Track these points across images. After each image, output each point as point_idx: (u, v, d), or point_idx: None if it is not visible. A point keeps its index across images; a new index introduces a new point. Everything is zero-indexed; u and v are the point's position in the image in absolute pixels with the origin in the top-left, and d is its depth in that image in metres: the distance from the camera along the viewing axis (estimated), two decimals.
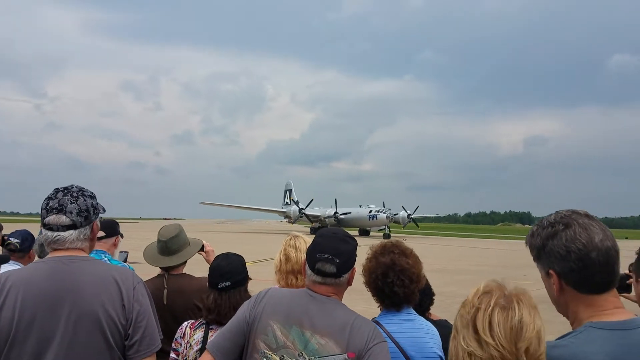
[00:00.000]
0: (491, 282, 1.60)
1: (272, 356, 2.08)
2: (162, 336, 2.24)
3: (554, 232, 1.64)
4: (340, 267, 2.16)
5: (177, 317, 3.29)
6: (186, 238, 3.66)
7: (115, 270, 2.23)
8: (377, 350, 2.01)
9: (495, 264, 25.34)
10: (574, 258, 1.58)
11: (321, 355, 2.02)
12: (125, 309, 2.13)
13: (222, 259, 2.96)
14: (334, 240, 2.21)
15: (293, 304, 2.15)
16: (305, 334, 2.06)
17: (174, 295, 3.39)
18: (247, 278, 2.97)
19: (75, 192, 2.24)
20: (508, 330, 1.46)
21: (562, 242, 1.61)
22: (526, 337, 1.45)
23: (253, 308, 2.21)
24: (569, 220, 1.63)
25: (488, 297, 1.53)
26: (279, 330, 2.10)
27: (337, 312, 2.12)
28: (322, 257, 2.16)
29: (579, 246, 1.58)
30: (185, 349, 2.82)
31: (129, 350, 2.13)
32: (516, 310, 1.48)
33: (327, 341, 2.03)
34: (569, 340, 1.55)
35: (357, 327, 2.06)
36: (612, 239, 1.62)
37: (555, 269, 1.63)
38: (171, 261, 3.50)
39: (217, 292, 2.83)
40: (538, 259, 1.69)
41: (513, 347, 1.45)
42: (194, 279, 3.53)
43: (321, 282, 2.18)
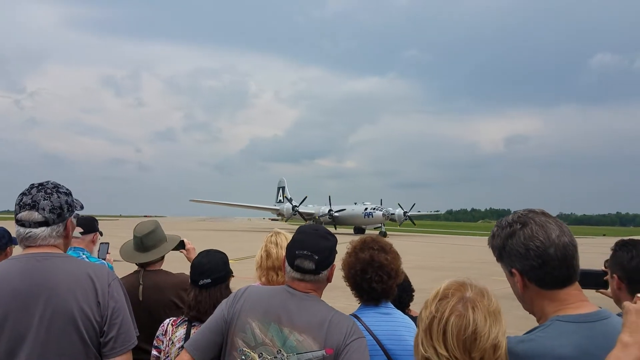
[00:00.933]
0: (452, 282, 1.63)
1: (251, 354, 2.08)
2: (138, 333, 2.23)
3: (512, 231, 1.68)
4: (320, 263, 2.16)
5: (152, 313, 3.27)
6: (163, 234, 3.63)
7: (89, 267, 2.20)
8: (354, 346, 2.02)
9: (474, 259, 25.62)
10: (533, 255, 1.63)
11: (299, 352, 2.02)
12: (100, 305, 2.10)
13: (203, 256, 2.96)
14: (314, 237, 2.21)
15: (271, 302, 2.15)
16: (284, 330, 2.06)
17: (149, 292, 3.36)
18: (228, 275, 2.97)
19: (50, 189, 2.21)
20: (461, 342, 1.49)
21: (520, 241, 1.65)
22: (479, 348, 1.48)
23: (231, 306, 2.20)
24: (525, 219, 1.68)
25: (444, 303, 1.56)
26: (258, 327, 2.10)
27: (315, 309, 2.12)
28: (301, 253, 2.17)
29: (537, 243, 1.62)
30: (167, 346, 2.81)
31: (104, 347, 2.11)
32: (470, 319, 1.50)
33: (305, 337, 2.03)
34: (536, 335, 1.58)
35: (336, 323, 2.07)
36: (569, 234, 1.66)
37: (517, 268, 1.67)
38: (146, 257, 3.47)
39: (198, 289, 2.83)
40: (500, 259, 1.73)
41: (466, 358, 1.48)
42: (171, 275, 3.51)
43: (300, 278, 2.19)
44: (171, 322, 2.90)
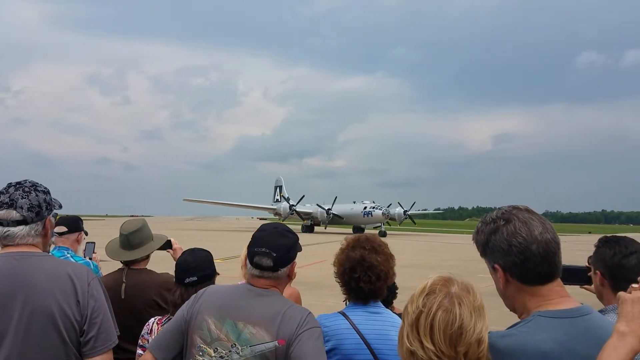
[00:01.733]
0: (438, 278, 1.65)
1: (207, 349, 2.12)
2: (118, 332, 2.23)
3: (495, 227, 1.69)
4: (277, 260, 2.21)
5: (134, 312, 3.25)
6: (149, 233, 3.61)
7: (69, 266, 2.19)
8: (306, 336, 2.06)
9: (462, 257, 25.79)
10: (516, 251, 1.64)
11: (252, 344, 2.07)
12: (80, 304, 2.10)
13: (189, 255, 2.97)
14: (273, 235, 2.26)
15: (228, 298, 2.20)
16: (238, 325, 2.11)
17: (132, 290, 3.33)
18: (214, 273, 2.98)
19: (28, 187, 2.19)
20: (448, 336, 1.52)
21: (503, 237, 1.66)
22: (465, 342, 1.51)
23: (191, 306, 2.25)
24: (509, 216, 1.69)
25: (432, 298, 1.58)
26: (213, 324, 2.15)
27: (271, 303, 2.16)
28: (260, 251, 2.22)
29: (520, 240, 1.64)
30: None
31: (84, 347, 2.11)
32: (457, 314, 1.53)
33: (259, 330, 2.08)
34: (518, 330, 1.59)
35: (289, 315, 2.11)
36: (551, 231, 1.67)
37: (499, 263, 1.68)
38: (132, 255, 3.45)
39: (184, 288, 2.83)
40: (484, 254, 1.74)
41: (452, 352, 1.51)
42: (154, 275, 3.48)
43: (259, 275, 2.23)
44: (156, 321, 2.90)
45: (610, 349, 1.39)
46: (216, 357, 2.10)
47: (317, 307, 2.29)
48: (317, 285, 12.82)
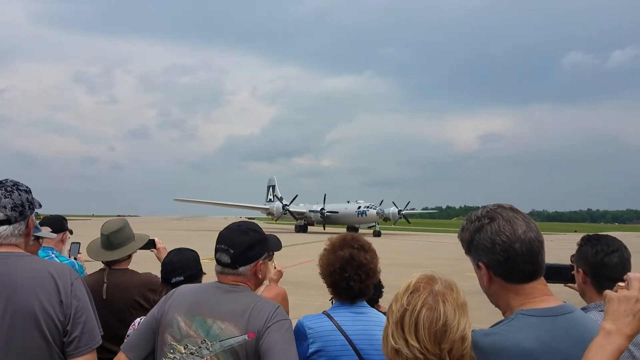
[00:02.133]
0: (422, 276, 1.66)
1: (177, 346, 2.13)
2: (102, 332, 2.21)
3: (480, 225, 1.70)
4: (235, 257, 2.21)
5: (116, 313, 3.23)
6: (131, 232, 3.59)
7: (52, 266, 2.17)
8: (275, 328, 2.06)
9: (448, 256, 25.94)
10: (499, 250, 1.65)
11: (221, 339, 2.07)
12: (63, 305, 2.08)
13: (175, 254, 2.96)
14: (234, 232, 2.27)
15: (198, 296, 2.21)
16: (207, 321, 2.12)
17: (113, 291, 3.31)
18: (200, 273, 2.98)
19: (10, 187, 2.17)
20: (432, 334, 1.53)
21: (487, 235, 1.67)
22: (449, 339, 1.52)
23: (162, 305, 2.26)
24: (494, 214, 1.70)
25: (416, 296, 1.59)
26: (183, 321, 2.15)
27: (240, 298, 2.17)
28: (220, 247, 2.25)
29: (503, 238, 1.65)
30: None
31: (68, 347, 2.09)
32: (441, 312, 1.55)
33: (227, 325, 2.09)
34: (501, 328, 1.60)
35: (259, 308, 2.11)
36: (535, 230, 1.69)
37: (483, 261, 1.69)
38: (113, 255, 3.43)
39: (170, 288, 2.80)
40: (469, 252, 1.76)
41: (437, 349, 1.52)
42: (136, 275, 3.47)
43: (220, 272, 2.26)
44: (141, 320, 2.87)
45: (597, 347, 1.39)
46: (186, 353, 2.10)
47: (305, 307, 2.29)
48: (305, 284, 12.74)
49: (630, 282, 1.46)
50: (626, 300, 1.43)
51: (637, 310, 1.41)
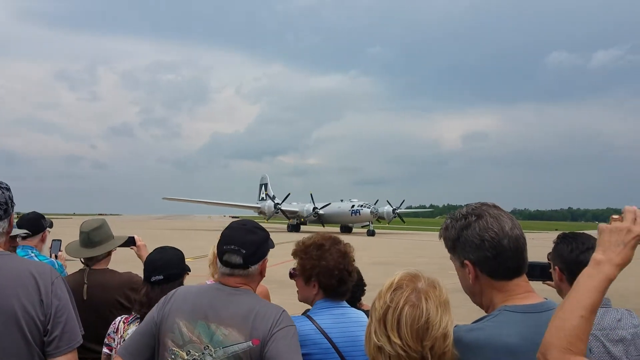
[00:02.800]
0: (405, 274, 1.68)
1: (179, 352, 2.09)
2: (83, 332, 2.19)
3: (467, 223, 1.72)
4: (247, 257, 2.18)
5: (97, 312, 3.22)
6: (110, 232, 3.59)
7: (32, 265, 2.15)
8: (280, 335, 2.04)
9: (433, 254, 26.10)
10: (488, 246, 1.67)
11: (225, 345, 2.04)
12: (44, 304, 2.06)
13: (157, 253, 2.94)
14: (241, 232, 2.23)
15: (199, 300, 2.17)
16: (211, 327, 2.08)
17: (94, 291, 3.30)
18: (183, 273, 2.95)
19: None
20: (415, 331, 1.55)
21: (476, 232, 1.69)
22: (431, 336, 1.55)
23: (161, 309, 2.22)
24: (480, 212, 1.73)
25: (399, 294, 1.61)
26: (185, 326, 2.12)
27: (242, 302, 2.14)
28: (229, 248, 2.19)
29: (492, 235, 1.67)
30: (118, 344, 2.78)
31: (48, 347, 2.07)
32: (424, 309, 1.57)
33: (231, 331, 2.06)
34: (485, 324, 1.63)
35: (262, 313, 2.09)
36: (519, 227, 1.73)
37: (470, 259, 1.71)
38: (93, 252, 3.41)
39: (150, 286, 2.81)
40: (453, 250, 1.77)
41: (419, 346, 1.54)
42: (117, 274, 3.46)
43: (229, 273, 2.21)
44: (123, 319, 2.88)
45: (586, 277, 1.43)
46: (189, 359, 2.07)
47: (288, 306, 2.27)
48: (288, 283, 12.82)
49: (624, 215, 1.48)
50: (618, 231, 1.45)
51: (628, 240, 1.43)
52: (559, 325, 1.38)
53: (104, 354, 2.84)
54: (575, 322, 1.37)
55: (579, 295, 1.41)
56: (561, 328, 1.37)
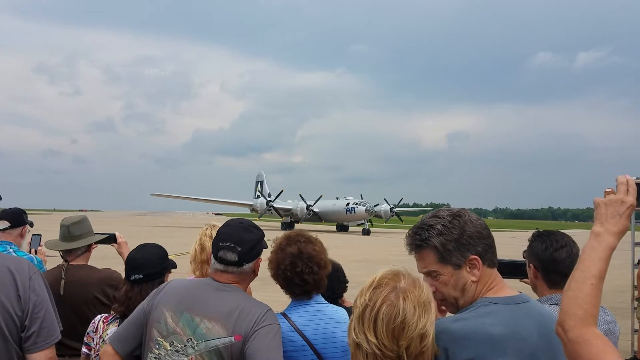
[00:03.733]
0: (388, 272, 1.68)
1: (163, 343, 2.12)
2: (61, 328, 2.18)
3: (464, 221, 1.76)
4: (243, 255, 2.21)
5: (74, 309, 3.19)
6: (90, 227, 3.56)
7: (9, 260, 2.14)
8: (262, 332, 2.06)
9: None
10: (486, 234, 1.77)
11: (207, 339, 2.06)
12: (21, 299, 2.05)
13: (138, 251, 2.88)
14: (238, 229, 2.27)
15: (188, 292, 2.20)
16: (195, 319, 2.11)
17: (71, 287, 3.27)
18: (165, 271, 2.89)
19: None
20: (390, 330, 1.56)
21: (477, 223, 1.77)
22: (407, 336, 1.55)
23: (152, 299, 2.25)
24: (458, 211, 1.80)
25: (378, 292, 1.62)
26: (170, 317, 2.14)
27: (229, 298, 2.16)
28: (225, 245, 2.22)
29: (484, 225, 1.78)
30: (97, 343, 2.74)
31: (25, 342, 2.06)
32: (400, 309, 1.57)
33: (214, 325, 2.08)
34: (469, 314, 1.68)
35: (247, 310, 2.11)
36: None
37: (478, 251, 1.75)
38: (72, 245, 3.39)
39: (130, 285, 2.77)
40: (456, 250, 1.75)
41: (394, 345, 1.55)
42: (95, 270, 3.43)
43: (223, 270, 2.23)
44: (102, 319, 2.83)
45: (589, 249, 1.51)
46: (172, 350, 2.09)
47: (271, 303, 2.28)
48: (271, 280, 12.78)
49: (617, 186, 1.58)
50: (612, 203, 1.54)
51: (622, 210, 1.53)
52: (572, 296, 1.47)
53: (83, 353, 2.79)
54: (587, 289, 1.46)
55: (586, 266, 1.49)
56: (575, 297, 1.46)
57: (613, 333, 2.44)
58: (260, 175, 69.18)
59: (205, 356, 2.04)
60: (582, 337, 1.40)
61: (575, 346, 1.41)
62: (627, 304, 9.01)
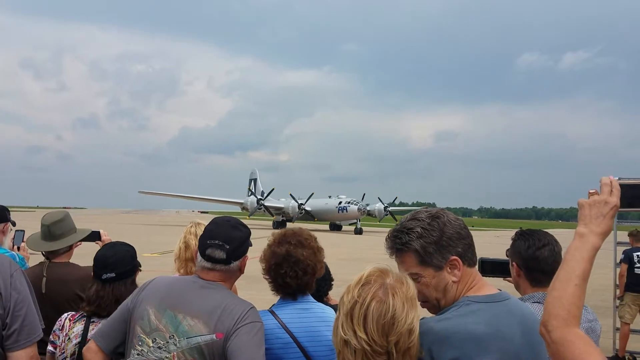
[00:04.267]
0: (374, 269, 1.68)
1: (146, 339, 2.12)
2: (44, 325, 2.16)
3: (443, 222, 1.77)
4: (230, 253, 2.22)
5: (56, 307, 3.14)
6: (72, 224, 3.50)
7: None
8: (244, 330, 2.06)
9: None
10: (465, 234, 1.77)
11: (189, 336, 2.07)
12: (2, 297, 2.02)
13: (108, 249, 2.85)
14: (226, 227, 2.27)
15: (172, 289, 2.20)
16: (178, 316, 2.11)
17: (53, 285, 3.23)
18: (135, 269, 2.88)
19: None
20: (380, 326, 1.56)
21: (455, 224, 1.77)
22: (397, 332, 1.56)
23: (136, 296, 2.25)
24: (436, 212, 1.81)
25: (367, 289, 1.62)
26: (153, 314, 2.14)
27: (213, 295, 2.16)
28: (213, 243, 2.21)
29: (462, 224, 1.78)
30: (63, 341, 2.70)
31: (7, 340, 2.03)
32: (390, 305, 1.58)
33: (197, 322, 2.09)
34: (452, 314, 1.69)
35: (230, 308, 2.11)
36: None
37: (458, 252, 1.75)
38: (53, 246, 3.34)
39: (101, 284, 2.73)
40: (436, 252, 1.75)
41: (384, 341, 1.56)
42: (77, 268, 3.39)
43: (210, 268, 2.23)
44: (69, 316, 2.79)
45: (574, 250, 1.53)
46: (154, 347, 2.10)
47: (256, 302, 2.29)
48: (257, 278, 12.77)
49: (601, 187, 1.59)
50: (596, 204, 1.56)
51: (606, 211, 1.54)
52: (556, 296, 1.48)
53: (48, 351, 2.73)
54: (571, 290, 1.47)
55: (570, 266, 1.51)
56: (559, 298, 1.47)
57: (594, 331, 2.47)
58: (254, 172, 68.31)
59: (186, 353, 2.05)
60: (565, 337, 1.42)
61: (558, 347, 1.42)
62: (609, 303, 9.16)
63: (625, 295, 8.62)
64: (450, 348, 1.59)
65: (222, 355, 2.04)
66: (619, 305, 8.71)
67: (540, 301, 2.36)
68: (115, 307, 2.32)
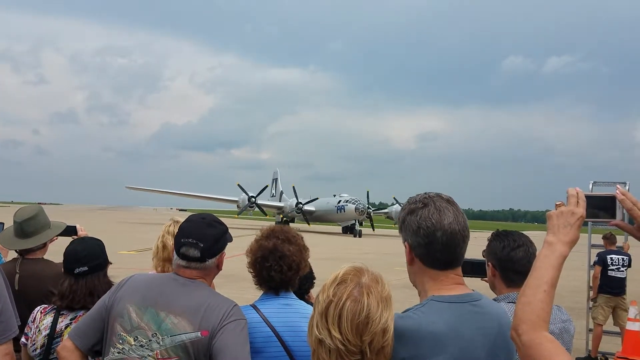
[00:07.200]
0: (350, 268, 1.70)
1: (127, 338, 2.10)
2: (19, 322, 2.13)
3: (413, 209, 1.81)
4: (205, 251, 2.21)
5: (30, 303, 3.08)
6: (46, 220, 3.43)
7: None
8: (230, 328, 2.07)
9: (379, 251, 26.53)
10: (422, 234, 1.77)
11: (173, 334, 2.06)
12: None
13: (78, 243, 2.88)
14: (200, 225, 2.26)
15: (152, 287, 2.19)
16: (160, 314, 2.10)
17: (27, 281, 3.19)
18: (106, 262, 2.91)
19: None
20: (355, 326, 1.57)
21: (416, 219, 1.79)
22: (370, 331, 1.57)
23: (113, 293, 2.23)
24: (428, 201, 1.82)
25: (342, 288, 1.63)
26: (134, 312, 2.13)
27: (195, 293, 2.16)
28: (187, 241, 2.20)
29: (428, 224, 1.76)
30: (34, 333, 2.73)
31: None
32: (365, 304, 1.59)
33: (180, 320, 2.08)
34: (413, 312, 1.71)
35: (214, 306, 2.11)
36: (462, 224, 1.80)
37: (408, 242, 1.81)
38: (26, 244, 3.29)
39: (74, 278, 2.75)
40: (400, 230, 1.87)
41: (358, 341, 1.57)
42: (51, 265, 3.35)
43: (186, 266, 2.22)
44: (41, 309, 2.81)
45: (543, 258, 1.59)
46: (136, 345, 2.08)
47: (235, 300, 2.30)
48: (236, 277, 12.69)
49: (568, 199, 1.66)
50: (563, 215, 1.63)
51: (573, 221, 1.61)
52: (525, 302, 1.55)
53: (21, 343, 2.74)
54: (540, 296, 1.53)
55: (539, 273, 1.57)
56: (528, 303, 1.54)
57: (568, 331, 2.51)
58: (276, 173, 66.20)
59: (170, 351, 2.04)
60: (534, 340, 1.47)
61: (527, 349, 1.48)
62: (583, 304, 9.35)
63: (599, 297, 8.81)
64: (404, 346, 1.62)
65: (207, 353, 2.04)
66: (593, 306, 8.89)
67: (514, 301, 2.37)
68: (89, 299, 2.31)
